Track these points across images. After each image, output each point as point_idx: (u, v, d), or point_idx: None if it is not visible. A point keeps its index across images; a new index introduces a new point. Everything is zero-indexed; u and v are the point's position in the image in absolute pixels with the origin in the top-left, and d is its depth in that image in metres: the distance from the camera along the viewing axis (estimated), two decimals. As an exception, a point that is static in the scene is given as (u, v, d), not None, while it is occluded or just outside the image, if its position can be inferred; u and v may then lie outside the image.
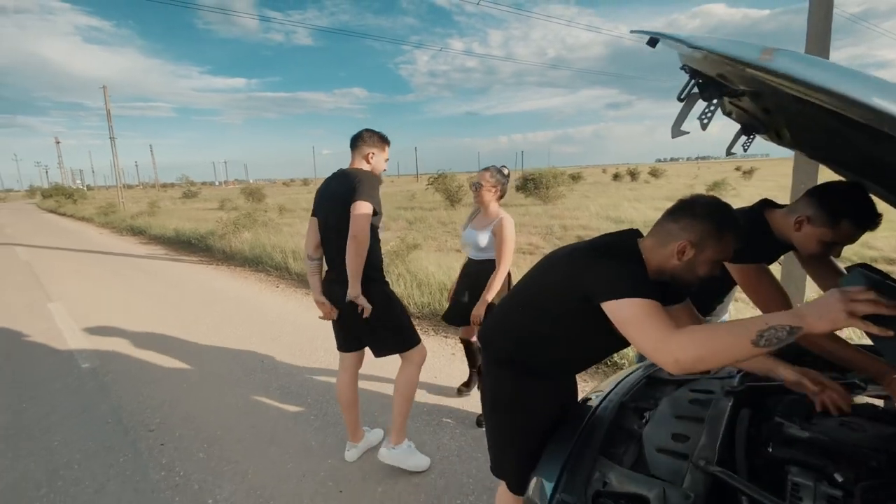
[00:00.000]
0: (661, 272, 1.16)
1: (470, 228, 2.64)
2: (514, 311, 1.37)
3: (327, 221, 2.15)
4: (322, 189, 2.21)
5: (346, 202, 1.99)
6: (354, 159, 2.18)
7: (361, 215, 1.97)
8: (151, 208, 18.46)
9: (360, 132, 2.19)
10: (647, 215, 13.76)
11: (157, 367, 3.64)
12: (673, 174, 49.65)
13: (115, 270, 7.89)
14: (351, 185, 2.01)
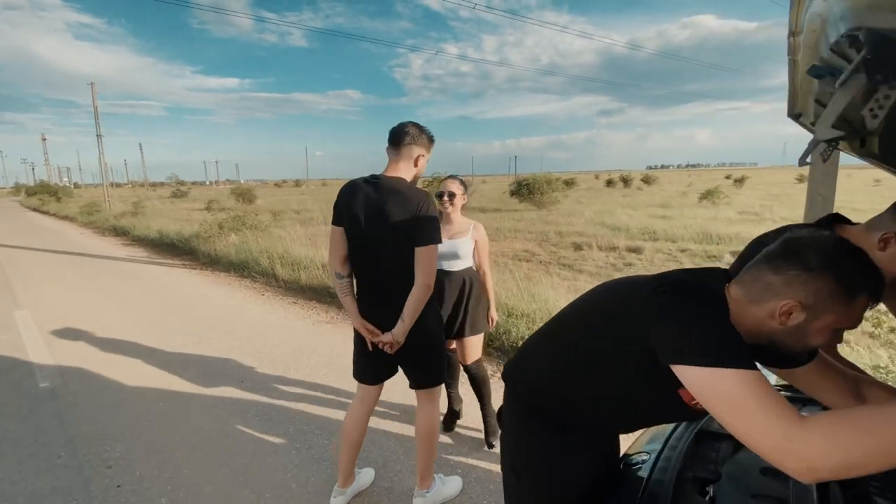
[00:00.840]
0: (755, 335, 0.87)
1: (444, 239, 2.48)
2: (549, 351, 1.09)
3: (369, 237, 1.79)
4: (357, 198, 1.80)
5: (407, 227, 1.73)
6: (399, 163, 1.83)
7: (434, 261, 1.78)
8: (136, 208, 17.95)
9: (405, 127, 1.83)
10: (642, 222, 13.62)
11: (123, 388, 3.31)
12: (665, 181, 49.93)
13: (92, 274, 7.49)
14: (416, 214, 1.73)
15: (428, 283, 1.76)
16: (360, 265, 1.88)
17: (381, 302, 1.86)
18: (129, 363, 3.75)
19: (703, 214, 15.49)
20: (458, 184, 2.47)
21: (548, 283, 6.79)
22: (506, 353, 3.67)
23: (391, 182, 1.79)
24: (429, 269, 1.75)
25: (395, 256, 1.78)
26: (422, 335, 1.87)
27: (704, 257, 9.57)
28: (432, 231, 1.75)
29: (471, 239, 2.47)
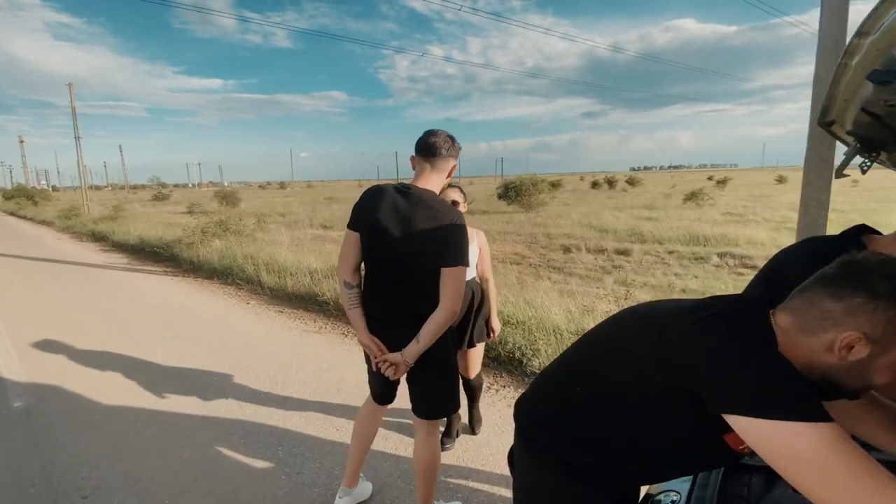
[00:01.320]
0: (806, 369, 0.77)
1: None
2: (568, 388, 0.99)
3: (391, 250, 1.65)
4: (383, 205, 1.65)
5: (436, 245, 1.61)
6: (433, 175, 1.71)
7: (462, 284, 1.64)
8: (116, 212, 17.47)
9: (441, 137, 1.69)
10: (629, 224, 13.70)
11: (101, 407, 3.13)
12: (649, 182, 50.57)
13: (69, 282, 7.21)
14: (446, 232, 1.60)
15: (454, 308, 1.61)
16: (376, 278, 1.75)
17: (392, 322, 1.73)
18: (107, 379, 3.56)
19: (689, 216, 15.66)
20: (458, 191, 2.43)
21: (540, 287, 6.74)
22: (502, 363, 3.58)
23: (423, 194, 1.65)
24: (456, 292, 1.61)
25: (416, 275, 1.66)
26: (438, 363, 1.75)
27: (692, 259, 9.64)
28: (462, 251, 1.63)
29: (476, 246, 2.45)
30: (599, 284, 7.71)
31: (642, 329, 0.90)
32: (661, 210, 18.08)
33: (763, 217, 15.38)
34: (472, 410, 2.77)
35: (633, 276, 8.20)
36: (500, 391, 3.26)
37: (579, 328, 3.75)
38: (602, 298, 5.07)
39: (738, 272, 8.63)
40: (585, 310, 4.64)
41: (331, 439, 2.70)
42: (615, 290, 7.13)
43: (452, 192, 2.42)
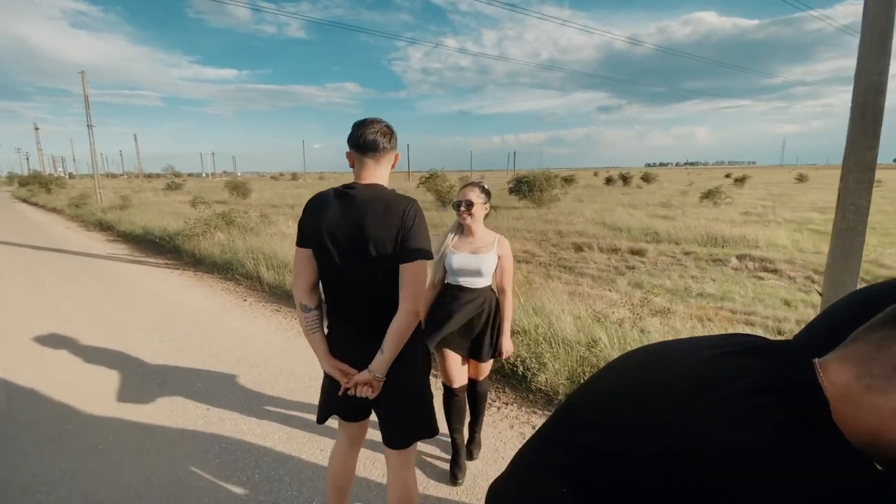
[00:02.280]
0: (871, 446, 0.54)
1: (461, 253, 2.24)
2: (551, 475, 0.71)
3: (345, 260, 1.47)
4: (328, 214, 1.47)
5: (392, 242, 1.44)
6: (378, 169, 1.54)
7: (423, 281, 1.48)
8: (125, 201, 17.47)
9: (379, 129, 1.51)
10: (644, 222, 13.27)
11: (74, 416, 2.93)
12: (665, 179, 49.57)
13: (68, 274, 7.09)
14: (401, 224, 1.43)
15: (415, 308, 1.44)
16: (335, 295, 1.54)
17: (359, 338, 1.53)
18: (87, 382, 3.37)
19: (706, 215, 15.15)
20: (477, 191, 2.20)
21: (550, 288, 6.45)
22: (505, 377, 3.30)
23: (370, 190, 1.49)
24: (415, 290, 1.44)
25: (377, 280, 1.46)
26: (405, 384, 1.53)
27: (710, 260, 9.24)
28: (421, 244, 1.45)
29: (495, 254, 2.23)
30: (612, 286, 7.39)
31: (656, 392, 0.64)
32: (678, 208, 17.57)
33: (783, 217, 14.85)
34: (475, 428, 2.51)
35: (648, 278, 7.86)
36: (503, 409, 2.99)
37: (590, 339, 3.46)
38: (615, 304, 4.76)
39: (757, 276, 8.23)
40: (597, 317, 4.34)
41: (313, 462, 2.46)
42: (629, 294, 6.81)
43: (469, 192, 2.18)
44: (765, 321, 5.77)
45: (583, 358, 3.21)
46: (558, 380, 3.04)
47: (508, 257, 2.28)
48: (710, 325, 5.20)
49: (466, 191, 2.20)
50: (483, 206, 2.21)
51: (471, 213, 2.17)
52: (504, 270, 2.27)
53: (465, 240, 2.26)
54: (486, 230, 2.27)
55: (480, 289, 2.24)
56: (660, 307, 4.58)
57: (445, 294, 2.29)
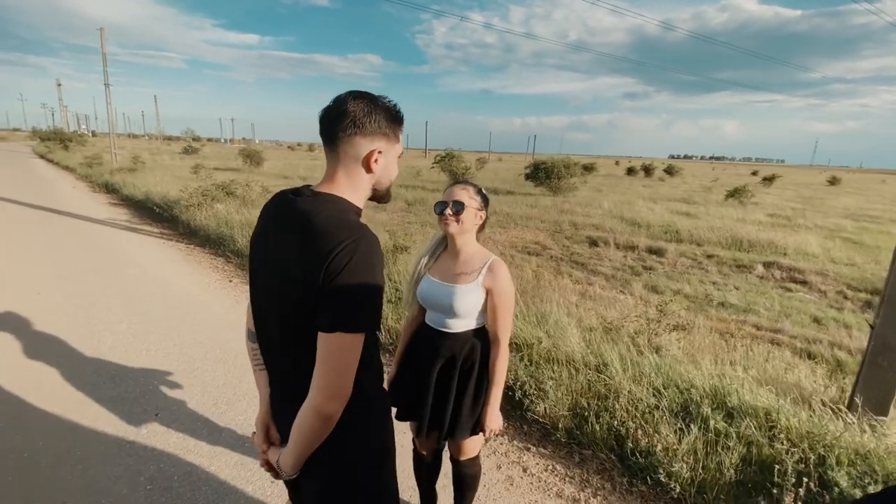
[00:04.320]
0: None
1: (433, 279, 1.63)
2: None
3: (259, 294, 1.07)
4: (264, 223, 1.07)
5: (307, 291, 0.91)
6: (337, 170, 1.02)
7: (346, 366, 0.92)
8: (135, 163, 17.26)
9: (343, 104, 0.98)
10: (664, 219, 12.60)
11: (7, 409, 2.60)
12: (688, 173, 47.98)
13: (58, 239, 6.82)
14: (323, 269, 0.90)
15: (324, 407, 0.91)
16: (258, 332, 1.11)
17: (280, 395, 1.10)
18: (34, 371, 3.04)
19: (731, 215, 14.38)
20: (471, 191, 1.59)
21: (558, 287, 5.99)
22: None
23: (313, 202, 0.98)
24: (329, 379, 0.91)
25: (289, 334, 1.00)
26: (328, 475, 1.03)
27: (734, 266, 8.65)
28: (348, 306, 0.91)
29: (479, 286, 1.56)
30: (627, 288, 6.89)
31: None
32: (701, 205, 16.75)
33: (814, 223, 13.99)
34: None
35: (666, 282, 7.33)
36: (490, 442, 2.58)
37: (599, 361, 3.01)
38: (629, 313, 4.28)
39: (785, 286, 7.64)
40: (608, 330, 3.89)
41: (261, 500, 2.09)
42: (644, 298, 6.31)
43: (459, 191, 1.58)
44: (792, 341, 5.25)
45: (589, 384, 2.77)
46: (559, 411, 2.62)
47: (504, 292, 1.55)
48: (733, 343, 4.72)
49: (456, 189, 1.59)
50: (477, 212, 1.59)
51: (458, 219, 1.54)
52: (497, 311, 1.56)
53: (444, 261, 1.65)
54: (476, 248, 1.63)
55: (458, 334, 1.60)
56: (678, 322, 4.09)
57: (419, 338, 1.71)
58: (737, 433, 2.31)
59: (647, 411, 2.47)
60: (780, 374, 3.61)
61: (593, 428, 2.47)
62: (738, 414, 2.46)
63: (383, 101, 1.02)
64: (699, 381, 2.73)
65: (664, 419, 2.40)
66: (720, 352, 4.30)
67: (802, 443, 2.24)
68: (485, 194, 1.64)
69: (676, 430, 2.34)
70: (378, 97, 1.02)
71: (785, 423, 2.38)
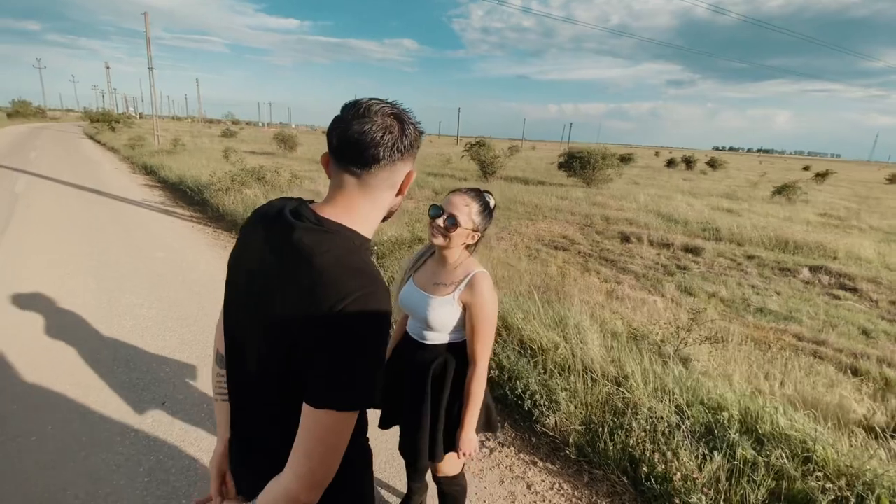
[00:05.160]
0: None
1: (414, 286, 1.53)
2: None
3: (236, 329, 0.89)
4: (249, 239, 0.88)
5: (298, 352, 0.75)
6: (360, 193, 0.83)
7: (330, 445, 0.75)
8: (174, 146, 17.81)
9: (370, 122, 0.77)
10: (704, 215, 11.99)
11: (24, 392, 2.66)
12: (733, 166, 45.62)
13: (95, 219, 7.08)
14: (319, 327, 0.72)
15: (301, 496, 0.74)
16: (229, 364, 0.94)
17: (241, 447, 0.95)
18: (55, 352, 3.13)
19: (777, 213, 13.55)
20: (473, 208, 1.42)
21: (584, 285, 5.76)
22: (509, 407, 2.75)
23: (319, 235, 0.78)
24: (314, 463, 0.74)
25: (272, 381, 0.82)
26: None
27: (776, 269, 8.12)
28: (346, 378, 0.73)
29: (455, 301, 1.44)
30: (657, 288, 6.57)
31: None
32: (745, 202, 15.87)
33: (870, 224, 13.00)
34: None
35: (701, 283, 6.94)
36: (496, 452, 2.45)
37: (619, 372, 2.82)
38: (660, 323, 4.04)
39: (832, 293, 7.10)
40: (633, 337, 3.67)
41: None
42: (677, 301, 6.00)
43: (457, 201, 1.41)
44: (837, 355, 4.85)
45: (607, 397, 2.60)
46: (571, 424, 2.46)
47: (483, 309, 1.41)
48: (770, 353, 4.40)
49: (458, 200, 1.41)
50: (471, 232, 1.43)
51: (448, 236, 1.40)
52: (475, 329, 1.42)
53: (431, 266, 1.54)
54: (462, 258, 1.48)
55: (432, 346, 1.51)
56: (710, 333, 3.81)
57: (402, 342, 1.65)
58: (766, 463, 2.10)
59: (667, 432, 2.29)
60: (820, 393, 3.32)
61: (606, 446, 2.30)
62: (770, 441, 2.24)
63: (407, 113, 0.83)
64: (728, 400, 2.51)
65: (685, 442, 2.21)
66: (755, 363, 4.01)
67: (840, 479, 2.02)
68: (490, 209, 1.47)
69: (698, 455, 2.15)
70: (401, 108, 0.83)
71: (822, 454, 2.15)
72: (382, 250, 4.91)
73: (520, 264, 5.95)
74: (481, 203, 1.44)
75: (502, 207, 11.36)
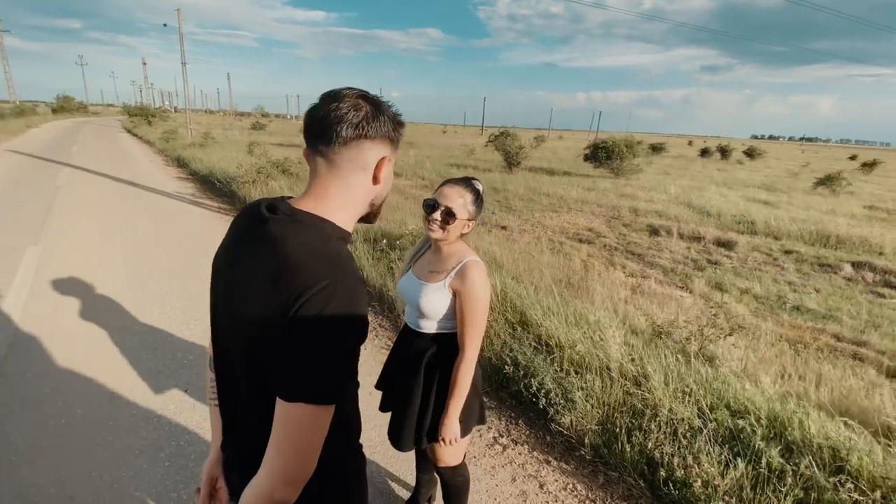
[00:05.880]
0: None
1: (412, 275, 1.57)
2: None
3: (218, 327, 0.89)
4: (228, 235, 0.88)
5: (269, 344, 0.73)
6: (330, 180, 0.82)
7: (305, 438, 0.73)
8: (205, 139, 18.30)
9: (337, 101, 0.78)
10: (738, 207, 11.52)
11: (59, 374, 2.79)
12: (772, 156, 43.62)
13: (130, 210, 7.35)
14: (284, 317, 0.70)
15: (276, 496, 0.73)
16: (217, 366, 0.93)
17: (234, 450, 0.93)
18: (89, 338, 3.26)
19: (819, 205, 12.88)
20: (467, 198, 1.45)
21: (608, 279, 5.62)
22: (523, 404, 2.71)
23: (284, 227, 0.78)
24: (288, 458, 0.73)
25: (255, 379, 0.81)
26: None
27: (816, 265, 7.72)
28: (316, 370, 0.71)
29: (445, 287, 1.45)
30: (686, 283, 6.35)
31: None
32: (784, 193, 15.15)
33: (922, 217, 12.20)
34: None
35: (733, 279, 6.67)
36: (509, 449, 2.42)
37: (639, 371, 2.73)
38: (684, 319, 3.89)
39: (877, 291, 6.70)
40: (656, 334, 3.56)
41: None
42: (706, 297, 5.79)
43: (451, 194, 1.44)
44: (879, 357, 4.58)
45: (626, 396, 2.52)
46: (587, 424, 2.40)
47: (472, 297, 1.41)
48: (805, 354, 4.19)
49: (452, 192, 1.44)
50: (467, 222, 1.46)
51: (445, 228, 1.43)
52: (464, 317, 1.43)
53: (428, 256, 1.58)
54: (456, 247, 1.50)
55: (425, 334, 1.54)
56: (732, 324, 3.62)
57: (401, 331, 1.71)
58: (794, 472, 2.00)
59: (689, 435, 2.20)
60: (859, 397, 3.14)
61: (623, 447, 2.24)
62: (799, 448, 2.12)
63: (385, 102, 0.84)
64: (757, 403, 2.39)
65: (707, 447, 2.12)
66: (788, 364, 3.83)
67: (875, 491, 1.89)
68: (481, 197, 1.50)
69: (720, 461, 2.06)
70: (378, 97, 0.84)
71: (856, 464, 2.02)
72: (405, 243, 4.91)
73: (541, 257, 5.84)
74: (473, 192, 1.47)
75: (525, 199, 11.21)
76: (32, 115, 39.83)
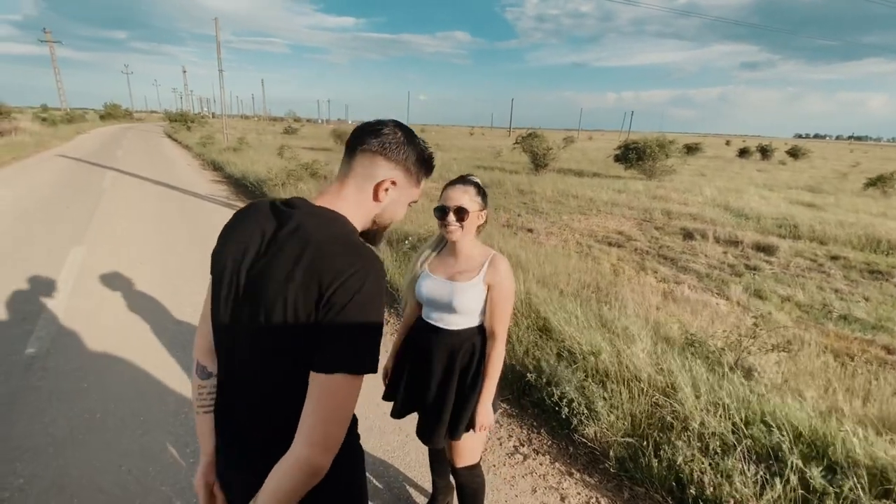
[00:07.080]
0: None
1: (435, 277, 1.60)
2: None
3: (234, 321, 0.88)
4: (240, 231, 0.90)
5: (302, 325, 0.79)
6: (346, 184, 0.92)
7: (342, 412, 0.80)
8: (239, 143, 18.90)
9: (377, 124, 0.93)
10: (780, 210, 10.98)
11: (94, 369, 2.91)
12: (818, 156, 41.45)
13: (168, 211, 7.66)
14: (321, 301, 0.78)
15: (316, 463, 0.77)
16: (221, 371, 0.94)
17: (237, 450, 0.93)
18: (126, 335, 3.40)
19: (869, 208, 12.13)
20: (472, 192, 1.52)
21: (638, 284, 5.45)
22: (546, 413, 2.64)
23: (311, 220, 0.85)
24: (325, 426, 0.78)
25: (269, 373, 0.84)
26: None
27: (865, 271, 7.26)
28: (351, 344, 0.79)
29: (481, 282, 1.54)
30: (722, 290, 6.09)
31: None
32: (830, 195, 14.35)
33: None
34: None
35: (773, 285, 6.35)
36: (530, 459, 2.36)
37: (668, 382, 2.61)
38: (721, 329, 3.72)
39: (934, 300, 6.24)
40: (689, 343, 3.41)
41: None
42: (744, 305, 5.52)
43: (459, 193, 1.50)
44: (937, 371, 4.24)
45: (654, 407, 2.42)
46: (612, 435, 2.32)
47: (504, 288, 1.53)
48: (852, 367, 3.92)
49: (455, 192, 1.51)
50: (479, 213, 1.53)
51: (462, 224, 1.50)
52: (495, 307, 1.54)
53: (444, 258, 1.62)
54: (475, 246, 1.58)
55: (458, 331, 1.58)
56: (779, 341, 3.44)
57: (416, 335, 1.69)
58: (837, 494, 1.86)
59: (721, 452, 2.08)
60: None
61: (650, 462, 2.14)
62: (843, 469, 1.97)
63: (422, 143, 0.98)
64: (798, 419, 2.24)
65: (741, 465, 2.00)
66: (833, 378, 3.60)
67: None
68: (484, 191, 1.56)
69: (756, 480, 1.94)
70: (419, 138, 0.98)
71: (909, 488, 1.86)
72: (427, 245, 4.92)
73: (568, 261, 5.72)
74: (474, 185, 1.54)
75: (552, 201, 11.03)
76: (82, 121, 42.24)
